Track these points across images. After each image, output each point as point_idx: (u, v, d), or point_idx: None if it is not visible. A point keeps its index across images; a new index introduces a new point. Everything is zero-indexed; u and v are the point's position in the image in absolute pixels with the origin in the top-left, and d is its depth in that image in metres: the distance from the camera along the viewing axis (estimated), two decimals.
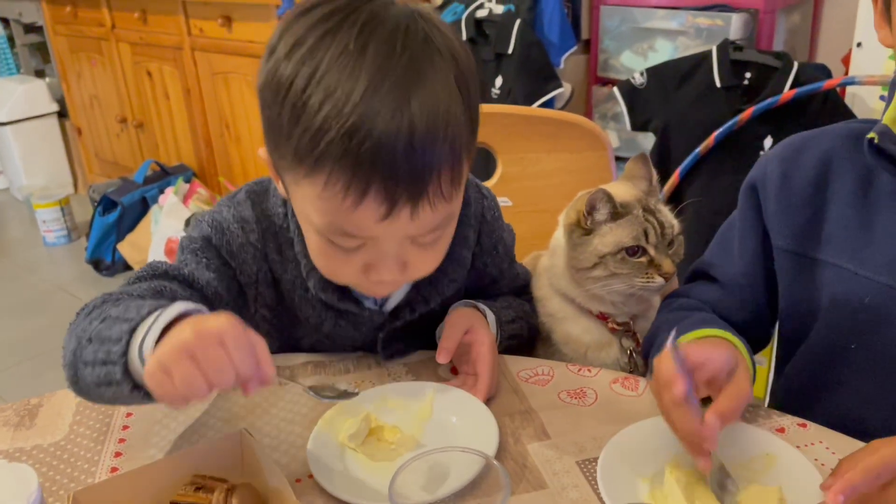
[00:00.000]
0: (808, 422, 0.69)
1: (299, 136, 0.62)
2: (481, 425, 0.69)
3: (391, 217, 0.64)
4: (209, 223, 0.79)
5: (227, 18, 2.77)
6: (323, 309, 0.81)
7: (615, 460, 0.63)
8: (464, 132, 0.65)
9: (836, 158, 0.73)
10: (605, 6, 2.04)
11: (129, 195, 3.03)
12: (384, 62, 0.61)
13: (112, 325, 0.62)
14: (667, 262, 0.77)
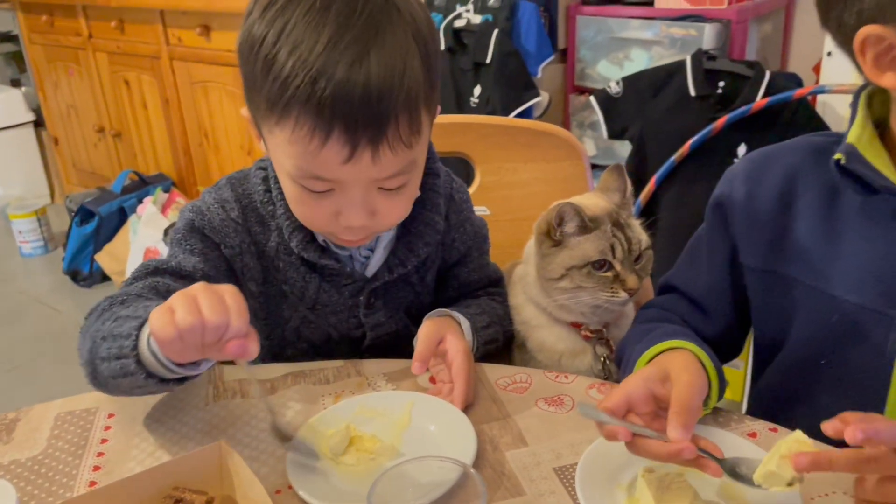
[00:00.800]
0: (778, 426, 0.71)
1: (270, 85, 0.69)
2: (459, 433, 0.70)
3: (354, 159, 0.70)
4: (191, 209, 0.86)
5: (205, 28, 2.77)
6: (307, 271, 0.87)
7: (593, 467, 0.64)
8: (420, 84, 0.71)
9: (801, 174, 0.75)
10: (582, 16, 2.06)
11: (107, 205, 3.01)
12: (345, 19, 0.68)
13: (123, 324, 0.69)
14: (632, 278, 0.79)
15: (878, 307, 0.68)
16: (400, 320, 0.90)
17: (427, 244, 0.88)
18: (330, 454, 0.69)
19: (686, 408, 0.61)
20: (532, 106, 2.07)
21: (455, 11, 2.13)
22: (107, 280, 2.98)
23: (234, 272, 0.86)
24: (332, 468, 0.68)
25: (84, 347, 0.74)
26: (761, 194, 0.76)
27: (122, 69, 3.22)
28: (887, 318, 0.68)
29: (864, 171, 0.68)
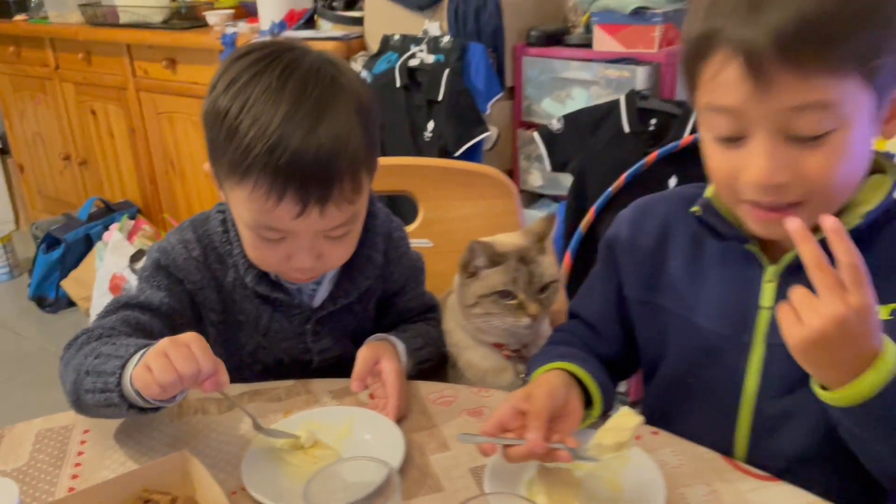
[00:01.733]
0: (660, 430, 0.84)
1: (233, 152, 0.81)
2: (391, 441, 0.82)
3: (304, 214, 0.82)
4: (157, 250, 0.98)
5: (171, 61, 2.87)
6: (260, 302, 0.98)
7: (500, 466, 0.76)
8: (361, 150, 0.84)
9: (673, 221, 0.88)
10: (527, 57, 2.20)
11: (73, 232, 3.07)
12: (298, 97, 0.80)
13: (106, 362, 0.80)
14: (533, 306, 0.91)
15: (731, 334, 0.82)
16: (344, 345, 1.01)
17: (367, 277, 1.00)
18: (279, 459, 0.80)
19: (538, 416, 0.74)
20: (482, 140, 2.20)
21: (410, 51, 2.25)
22: (72, 306, 3.03)
23: (195, 305, 0.97)
24: (279, 471, 0.79)
25: (67, 379, 0.84)
26: (642, 237, 0.90)
27: (88, 99, 3.30)
28: (739, 343, 0.81)
29: (715, 222, 0.82)
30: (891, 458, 0.70)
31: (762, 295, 0.80)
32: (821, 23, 0.63)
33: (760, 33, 0.63)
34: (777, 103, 0.66)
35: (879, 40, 0.65)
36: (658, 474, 0.74)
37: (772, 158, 0.68)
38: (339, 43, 2.40)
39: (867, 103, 0.68)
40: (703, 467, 0.78)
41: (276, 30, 2.52)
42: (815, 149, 0.68)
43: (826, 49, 0.63)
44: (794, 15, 0.63)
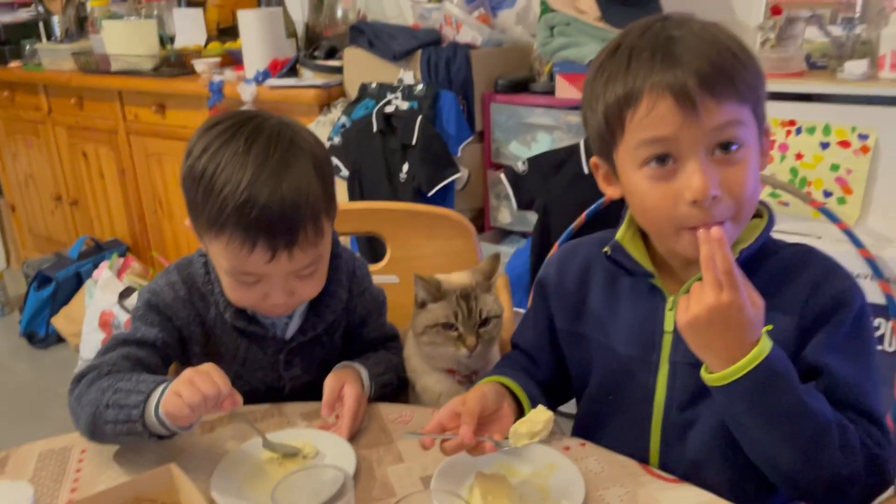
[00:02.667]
0: (586, 441, 0.96)
1: (209, 210, 0.94)
2: (344, 455, 0.94)
3: (274, 260, 0.95)
4: (148, 291, 1.10)
5: (160, 106, 3.00)
6: (238, 336, 1.10)
7: (445, 473, 0.88)
8: (321, 200, 0.97)
9: (593, 262, 1.02)
10: (495, 103, 2.36)
11: (64, 270, 3.16)
12: (263, 160, 0.93)
13: (128, 396, 0.93)
14: (471, 338, 1.04)
15: (642, 355, 0.95)
16: (314, 372, 1.12)
17: (333, 311, 1.12)
18: (245, 472, 0.92)
19: (469, 414, 0.88)
20: (454, 181, 2.34)
21: (386, 98, 2.40)
22: (62, 342, 3.12)
23: (183, 339, 1.10)
24: (244, 482, 0.91)
25: (83, 412, 0.96)
26: (567, 276, 1.03)
27: (80, 142, 3.42)
28: (649, 363, 0.94)
29: (624, 260, 0.95)
30: (768, 444, 0.83)
31: (666, 321, 0.93)
32: (725, 65, 0.83)
33: (686, 76, 0.81)
34: (705, 125, 0.82)
35: (756, 82, 0.85)
36: (580, 479, 0.86)
37: (705, 174, 0.82)
38: (320, 90, 2.54)
39: (755, 132, 0.86)
40: (621, 473, 0.90)
41: (261, 78, 2.67)
42: (732, 165, 0.84)
43: (732, 82, 0.82)
44: (707, 61, 0.82)
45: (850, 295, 0.88)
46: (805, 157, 1.85)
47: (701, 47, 0.83)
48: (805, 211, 1.85)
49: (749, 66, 0.85)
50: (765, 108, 0.88)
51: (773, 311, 0.87)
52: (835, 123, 1.80)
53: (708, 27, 0.86)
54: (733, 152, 0.83)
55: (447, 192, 2.35)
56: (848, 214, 1.81)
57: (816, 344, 0.87)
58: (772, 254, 0.92)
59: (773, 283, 0.90)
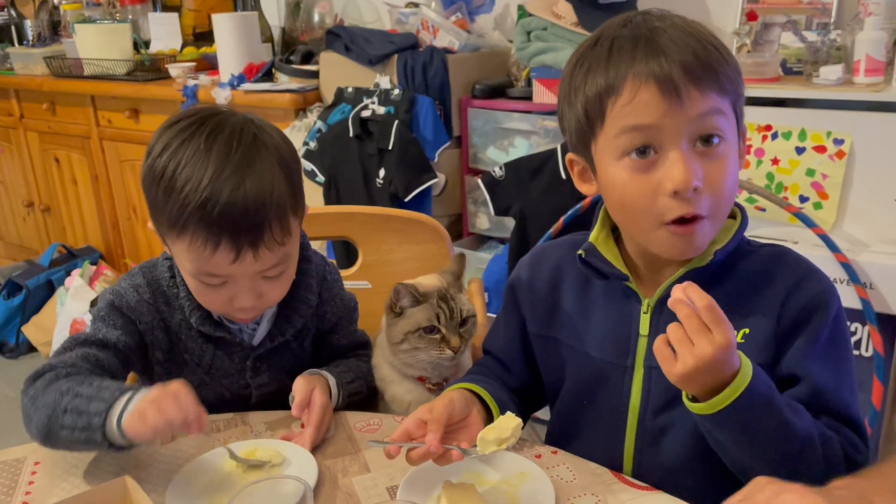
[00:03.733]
0: (558, 449, 0.93)
1: (170, 209, 0.90)
2: (305, 466, 0.91)
3: (239, 260, 0.91)
4: (111, 293, 1.06)
5: (134, 111, 2.96)
6: (203, 341, 1.06)
7: (412, 482, 0.85)
8: (286, 197, 0.93)
9: (565, 265, 0.99)
10: (472, 108, 2.34)
11: (35, 278, 3.11)
12: (224, 157, 0.90)
13: (88, 403, 0.88)
14: (455, 339, 1.01)
15: (616, 360, 0.93)
16: (281, 381, 1.09)
17: (302, 316, 1.09)
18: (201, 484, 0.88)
19: (436, 421, 0.85)
20: (431, 186, 2.32)
21: (362, 103, 2.38)
22: (33, 351, 3.05)
23: (145, 343, 1.05)
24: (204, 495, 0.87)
25: (37, 417, 0.90)
26: (539, 280, 1.01)
27: (52, 147, 3.37)
28: (621, 367, 0.92)
29: (598, 263, 0.93)
30: (750, 462, 0.81)
31: (641, 324, 0.91)
32: (709, 58, 0.83)
33: (670, 65, 0.81)
34: (688, 113, 0.81)
35: (736, 78, 0.86)
36: (550, 487, 0.84)
37: (687, 165, 0.81)
38: (296, 95, 2.52)
39: (735, 129, 0.85)
40: (593, 481, 0.87)
41: (236, 82, 2.64)
42: (713, 159, 0.83)
43: (715, 74, 0.82)
44: (691, 53, 0.82)
45: (828, 298, 0.87)
46: (781, 162, 1.85)
47: (684, 38, 0.82)
48: (781, 216, 1.85)
49: (730, 62, 0.84)
50: (743, 109, 0.87)
51: (751, 314, 0.87)
52: (810, 128, 1.80)
53: (689, 21, 0.86)
54: (715, 146, 0.82)
55: (424, 198, 2.33)
56: (824, 219, 1.81)
57: (796, 351, 0.85)
58: (747, 254, 0.91)
59: (750, 284, 0.88)
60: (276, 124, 1.03)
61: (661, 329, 0.88)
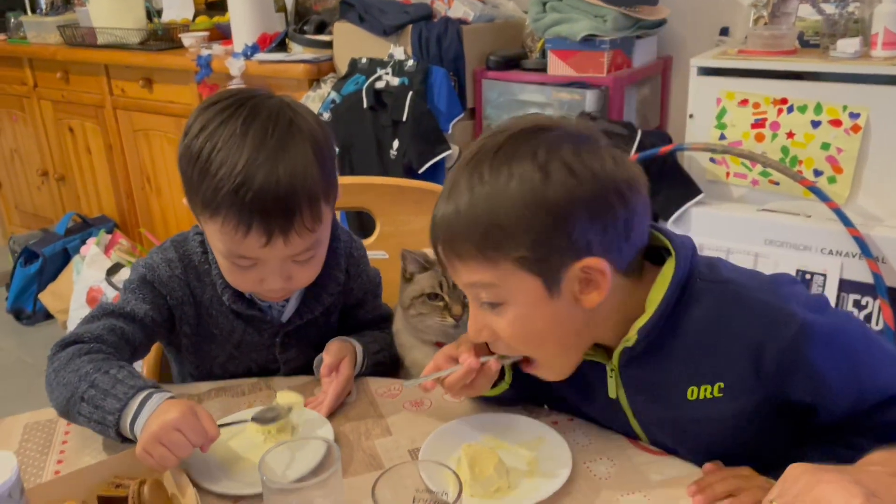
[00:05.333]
0: (574, 417, 0.96)
1: (204, 191, 0.92)
2: (322, 430, 0.94)
3: (270, 244, 0.92)
4: (143, 266, 1.07)
5: (147, 80, 2.97)
6: (234, 318, 1.08)
7: (432, 445, 0.88)
8: (318, 184, 0.94)
9: None
10: (486, 80, 2.34)
11: (51, 246, 3.14)
12: (260, 142, 0.91)
13: (105, 398, 0.89)
14: (456, 307, 1.03)
15: (611, 418, 0.92)
16: (309, 355, 1.11)
17: (330, 294, 1.11)
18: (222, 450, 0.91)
19: (466, 343, 0.88)
20: (444, 158, 2.32)
21: (376, 74, 2.38)
22: (50, 318, 3.10)
23: (174, 318, 1.07)
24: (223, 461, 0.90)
25: (58, 393, 0.92)
26: None
27: (66, 117, 3.38)
28: (620, 422, 0.91)
29: None
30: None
31: (609, 388, 0.88)
32: (460, 229, 0.79)
33: (434, 230, 0.83)
34: (458, 279, 0.83)
35: (505, 242, 0.77)
36: (567, 451, 0.86)
37: (474, 321, 0.84)
38: (310, 65, 2.52)
39: (529, 284, 0.78)
40: (608, 446, 0.90)
41: (249, 52, 2.64)
42: (499, 315, 0.81)
43: (467, 246, 0.78)
44: (451, 221, 0.80)
45: (806, 331, 0.77)
46: (796, 136, 1.85)
47: (473, 205, 0.77)
48: (795, 190, 1.85)
49: (490, 232, 0.77)
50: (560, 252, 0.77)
51: (719, 365, 0.81)
52: (826, 102, 1.79)
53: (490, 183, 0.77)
54: (497, 307, 0.81)
55: (438, 170, 2.34)
56: (838, 193, 1.81)
57: (802, 391, 0.80)
58: (697, 297, 0.82)
59: (707, 336, 0.81)
60: (289, 94, 1.03)
61: (629, 390, 0.88)
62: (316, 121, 0.99)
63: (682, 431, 0.87)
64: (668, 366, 0.83)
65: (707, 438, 0.85)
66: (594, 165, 0.76)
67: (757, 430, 0.84)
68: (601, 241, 0.77)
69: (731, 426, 0.83)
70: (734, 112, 1.92)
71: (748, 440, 0.85)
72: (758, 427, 0.84)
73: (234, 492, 0.84)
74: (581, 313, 0.81)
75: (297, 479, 0.79)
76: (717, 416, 0.82)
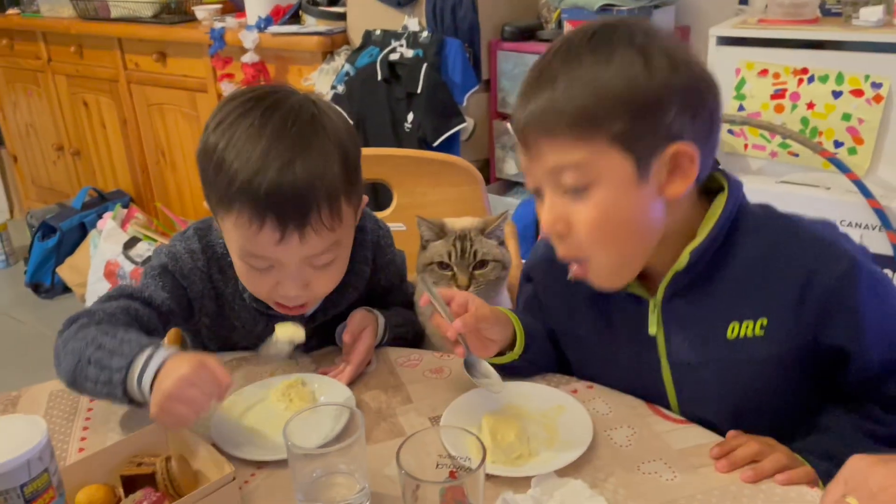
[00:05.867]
0: (594, 384, 0.96)
1: (219, 185, 0.90)
2: (342, 396, 0.95)
3: (284, 241, 0.89)
4: (166, 254, 1.04)
5: (161, 54, 2.96)
6: (257, 314, 1.06)
7: (453, 413, 0.89)
8: (339, 181, 0.91)
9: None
10: (501, 51, 2.32)
11: (68, 221, 3.17)
12: (277, 135, 0.88)
13: (111, 357, 0.86)
14: (462, 277, 1.04)
15: (643, 360, 0.91)
16: (332, 344, 1.09)
17: (356, 289, 1.09)
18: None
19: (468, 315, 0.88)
20: (459, 131, 2.31)
21: (390, 46, 2.36)
22: (68, 292, 3.13)
23: (192, 309, 1.06)
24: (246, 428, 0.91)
25: (66, 362, 0.90)
26: (555, 281, 0.95)
27: (80, 91, 3.39)
28: (650, 366, 0.91)
29: None
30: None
31: (650, 324, 0.89)
32: (570, 104, 0.77)
33: (523, 116, 0.80)
34: (543, 164, 0.80)
35: (603, 118, 0.77)
36: (588, 419, 0.87)
37: (551, 212, 0.82)
38: (324, 38, 2.50)
39: (621, 164, 0.78)
40: (628, 413, 0.90)
41: (263, 25, 2.62)
42: (581, 202, 0.80)
43: (571, 121, 0.77)
44: (551, 100, 0.78)
45: (855, 268, 0.80)
46: (817, 107, 1.83)
47: (570, 78, 0.77)
48: (815, 161, 1.83)
49: (613, 100, 0.77)
50: (664, 129, 0.78)
51: (765, 301, 0.83)
52: (848, 71, 1.77)
53: (623, 56, 0.77)
54: (582, 192, 0.80)
55: (452, 142, 2.33)
56: (858, 164, 1.79)
57: (839, 329, 0.81)
58: (750, 232, 0.84)
59: (757, 269, 0.83)
60: (302, 68, 1.01)
61: (670, 327, 0.88)
62: (342, 120, 0.96)
63: (714, 378, 0.87)
64: (712, 301, 0.85)
65: (735, 389, 0.87)
66: (688, 55, 0.79)
67: (784, 386, 0.86)
68: (691, 130, 0.79)
69: (762, 374, 0.85)
70: (753, 82, 1.89)
71: (773, 398, 0.87)
72: (786, 382, 0.85)
73: (258, 457, 0.85)
74: (659, 212, 0.82)
75: (320, 445, 0.80)
76: (754, 358, 0.84)
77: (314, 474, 0.76)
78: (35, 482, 0.68)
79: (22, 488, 0.67)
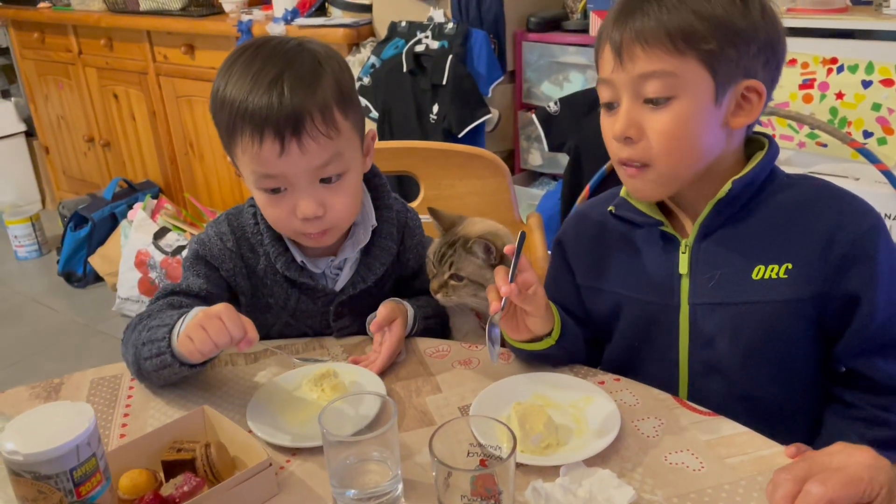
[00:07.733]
0: (621, 377, 0.97)
1: (223, 118, 0.97)
2: (374, 385, 0.97)
3: (285, 153, 0.94)
4: (196, 241, 1.11)
5: (189, 47, 3.00)
6: (289, 286, 1.11)
7: (482, 402, 0.91)
8: (331, 92, 0.96)
9: (606, 219, 1.02)
10: (527, 42, 2.32)
11: (99, 211, 3.22)
12: (266, 61, 0.96)
13: (156, 331, 0.97)
14: (435, 282, 1.08)
15: (662, 301, 0.96)
16: (362, 323, 1.12)
17: (383, 264, 1.12)
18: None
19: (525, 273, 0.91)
20: (484, 122, 2.32)
21: (416, 37, 2.37)
22: (100, 281, 3.19)
23: (230, 289, 1.11)
24: (277, 415, 0.93)
25: (129, 354, 1.01)
26: (584, 235, 1.05)
27: (110, 83, 3.44)
28: (669, 307, 0.95)
29: (630, 214, 0.97)
30: None
31: (680, 265, 0.95)
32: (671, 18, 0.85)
33: (622, 30, 0.87)
34: (632, 71, 0.86)
35: (700, 36, 0.85)
36: (616, 410, 0.88)
37: (627, 117, 0.88)
38: (349, 29, 2.52)
39: (704, 83, 0.86)
40: (655, 405, 0.92)
41: (289, 17, 2.65)
42: (659, 111, 0.87)
43: (670, 33, 0.85)
44: (655, 15, 0.86)
45: (876, 223, 0.89)
46: (846, 97, 1.81)
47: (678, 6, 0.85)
48: (843, 151, 1.82)
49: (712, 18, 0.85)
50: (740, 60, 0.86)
51: (793, 247, 0.90)
52: (878, 61, 1.75)
53: None
54: (661, 104, 0.87)
55: (477, 134, 2.34)
56: (888, 155, 1.78)
57: (854, 278, 0.88)
58: (785, 187, 0.93)
59: (789, 217, 0.91)
60: None
61: (699, 267, 0.92)
62: (332, 50, 1.02)
63: (728, 319, 0.92)
64: (741, 244, 0.92)
65: (748, 331, 0.91)
66: (775, 12, 0.89)
67: (795, 331, 0.91)
68: (763, 72, 0.88)
69: (777, 316, 0.90)
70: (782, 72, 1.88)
71: (782, 345, 0.92)
72: (797, 327, 0.91)
73: (293, 444, 0.88)
74: (720, 139, 0.90)
75: (354, 432, 0.82)
76: (774, 298, 0.89)
77: (348, 461, 0.79)
78: (83, 466, 0.71)
79: (72, 472, 0.70)
